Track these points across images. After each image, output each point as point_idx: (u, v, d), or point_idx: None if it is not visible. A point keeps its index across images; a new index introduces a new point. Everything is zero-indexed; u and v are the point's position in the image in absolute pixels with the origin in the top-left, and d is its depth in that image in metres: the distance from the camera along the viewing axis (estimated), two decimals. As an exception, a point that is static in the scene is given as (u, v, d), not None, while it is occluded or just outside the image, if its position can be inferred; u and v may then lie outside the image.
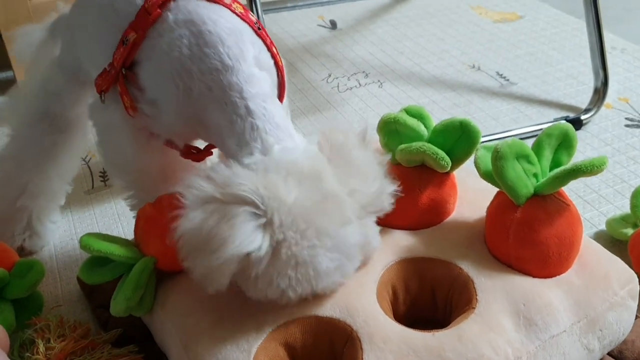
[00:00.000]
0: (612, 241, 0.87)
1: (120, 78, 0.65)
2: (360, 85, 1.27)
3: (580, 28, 1.41)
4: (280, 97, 0.69)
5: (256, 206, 0.56)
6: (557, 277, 0.65)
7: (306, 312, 0.61)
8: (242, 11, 0.66)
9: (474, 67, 1.32)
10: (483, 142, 0.73)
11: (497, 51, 1.37)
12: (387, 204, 0.62)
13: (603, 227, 0.89)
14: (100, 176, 1.02)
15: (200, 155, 0.73)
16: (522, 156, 0.65)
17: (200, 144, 0.74)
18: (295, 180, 0.57)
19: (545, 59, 1.34)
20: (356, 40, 1.44)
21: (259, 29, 0.67)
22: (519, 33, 1.44)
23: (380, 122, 0.72)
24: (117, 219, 0.93)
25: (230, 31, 0.63)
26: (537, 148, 0.67)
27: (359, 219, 0.59)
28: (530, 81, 1.26)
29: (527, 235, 0.64)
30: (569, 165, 0.65)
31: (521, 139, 1.05)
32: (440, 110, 1.17)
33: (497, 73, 1.29)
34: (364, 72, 1.31)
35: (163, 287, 0.68)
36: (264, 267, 0.56)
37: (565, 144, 0.68)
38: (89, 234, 0.66)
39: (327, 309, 0.62)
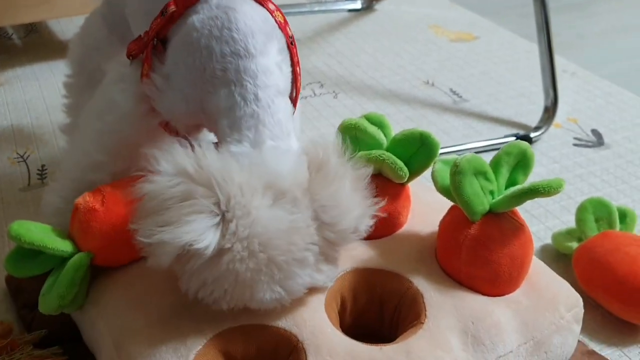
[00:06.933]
0: (558, 255, 0.87)
1: (149, 45, 0.66)
2: (315, 94, 1.26)
3: (533, 51, 1.43)
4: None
5: (220, 203, 0.54)
6: (506, 296, 0.65)
7: (251, 320, 0.59)
8: (282, 21, 0.67)
9: (428, 82, 1.33)
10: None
11: (452, 69, 1.39)
12: (364, 230, 0.60)
13: (549, 241, 0.89)
14: (37, 173, 0.98)
15: None
16: (480, 173, 0.65)
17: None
18: (272, 196, 0.56)
19: (498, 78, 1.36)
20: (313, 51, 1.43)
21: (292, 43, 0.67)
22: (474, 53, 1.46)
23: (340, 127, 0.72)
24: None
25: (263, 30, 0.64)
26: (495, 165, 0.67)
27: (318, 261, 0.58)
28: (482, 99, 1.27)
29: (480, 253, 0.64)
30: (527, 185, 0.65)
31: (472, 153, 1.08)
32: (394, 123, 1.15)
33: (451, 90, 1.30)
34: (319, 82, 1.31)
35: (96, 283, 0.65)
36: (200, 266, 0.54)
37: (522, 163, 0.68)
38: (20, 223, 0.62)
39: (274, 318, 0.59)
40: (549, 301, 0.65)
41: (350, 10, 1.62)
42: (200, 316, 0.59)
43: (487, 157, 1.06)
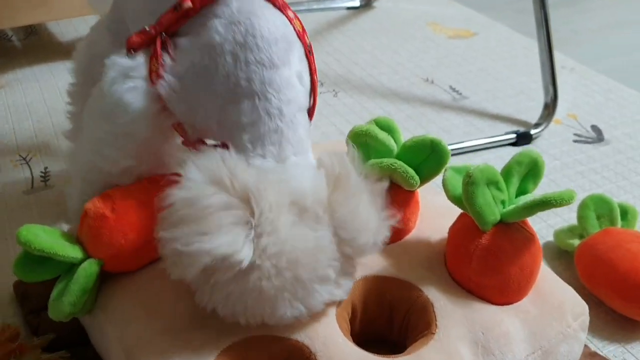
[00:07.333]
0: (560, 252, 0.88)
1: (158, 40, 0.64)
2: (314, 94, 1.26)
3: (531, 47, 1.44)
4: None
5: (254, 216, 0.54)
6: (515, 305, 0.65)
7: (264, 331, 0.58)
8: (300, 30, 0.66)
9: (427, 80, 1.33)
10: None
11: (451, 66, 1.39)
12: (381, 242, 0.60)
13: (550, 238, 0.90)
14: (41, 176, 0.98)
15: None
16: (492, 182, 0.65)
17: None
18: (296, 212, 0.56)
19: (497, 75, 1.36)
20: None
21: (309, 52, 0.66)
22: (472, 49, 1.47)
23: (350, 134, 0.71)
24: (57, 220, 0.89)
25: (285, 38, 0.63)
26: (506, 175, 0.67)
27: (338, 276, 0.58)
28: (482, 96, 1.28)
29: (491, 263, 0.64)
30: (539, 196, 0.64)
31: (472, 151, 1.08)
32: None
33: (450, 87, 1.31)
34: (318, 81, 1.31)
35: (105, 288, 0.64)
36: (226, 280, 0.54)
37: (533, 172, 0.68)
38: (28, 228, 0.61)
39: (287, 329, 0.59)
40: (556, 310, 0.65)
41: (348, 8, 1.62)
42: (212, 327, 0.58)
43: (488, 155, 1.08)
